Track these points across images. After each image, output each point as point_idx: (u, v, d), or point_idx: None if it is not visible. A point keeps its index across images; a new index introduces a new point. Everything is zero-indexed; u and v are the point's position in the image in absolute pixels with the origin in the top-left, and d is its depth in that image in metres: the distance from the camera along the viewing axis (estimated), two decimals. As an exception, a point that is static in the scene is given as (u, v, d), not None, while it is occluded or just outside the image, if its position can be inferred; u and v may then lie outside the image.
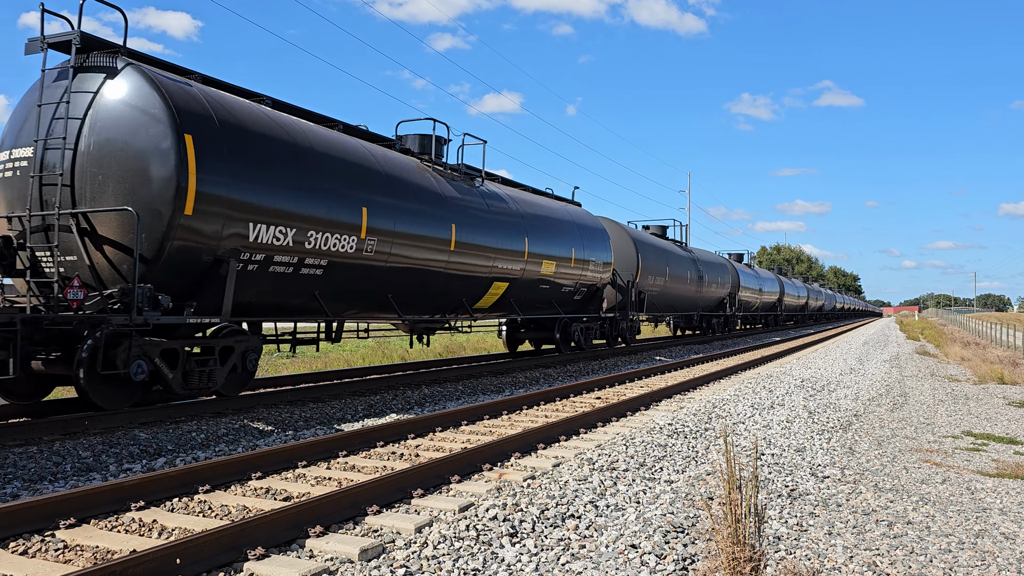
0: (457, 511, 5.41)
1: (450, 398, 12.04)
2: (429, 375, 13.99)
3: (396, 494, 5.68)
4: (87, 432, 8.13)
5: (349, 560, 4.43)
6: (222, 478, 6.15)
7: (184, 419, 9.09)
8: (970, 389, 15.93)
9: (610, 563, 4.55)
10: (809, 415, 10.74)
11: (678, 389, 12.64)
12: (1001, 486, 7.20)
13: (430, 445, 7.94)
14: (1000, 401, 13.87)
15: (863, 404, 12.51)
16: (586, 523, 5.32)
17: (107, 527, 5.02)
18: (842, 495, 6.50)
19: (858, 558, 4.89)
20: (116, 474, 6.79)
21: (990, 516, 6.13)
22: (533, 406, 10.80)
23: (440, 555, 4.57)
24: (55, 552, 4.54)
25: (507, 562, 4.54)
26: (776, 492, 6.43)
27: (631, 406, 10.43)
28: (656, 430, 8.76)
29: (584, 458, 7.18)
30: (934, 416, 11.75)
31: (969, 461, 8.40)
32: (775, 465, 7.45)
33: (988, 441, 9.69)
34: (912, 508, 6.21)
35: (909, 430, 10.29)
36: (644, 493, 6.18)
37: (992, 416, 11.92)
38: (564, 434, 8.38)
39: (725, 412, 10.49)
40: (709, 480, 6.64)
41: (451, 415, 9.11)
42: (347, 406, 10.71)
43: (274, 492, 5.96)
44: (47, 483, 6.43)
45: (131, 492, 5.45)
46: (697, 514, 5.56)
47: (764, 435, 8.98)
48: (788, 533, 5.33)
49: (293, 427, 9.21)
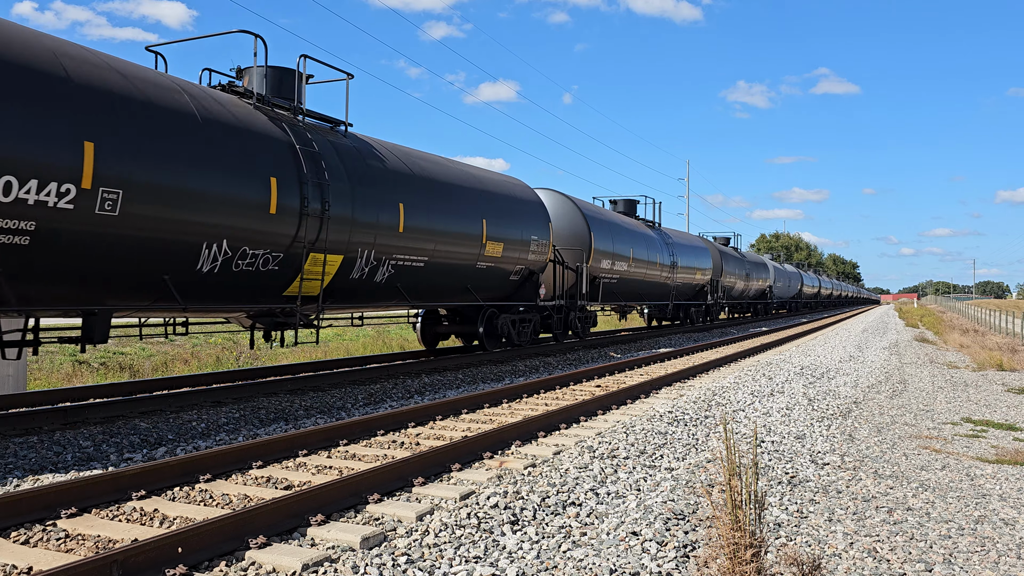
0: (458, 499, 5.42)
1: (450, 387, 12.05)
2: (429, 364, 13.99)
3: (397, 482, 5.68)
4: (88, 422, 8.14)
5: (351, 548, 4.44)
6: (223, 467, 6.15)
7: (184, 408, 9.09)
8: (969, 376, 15.96)
9: (611, 550, 4.56)
10: (809, 402, 10.76)
11: (678, 377, 12.66)
12: (1000, 472, 7.22)
13: (431, 433, 7.95)
14: (999, 388, 13.89)
15: (862, 391, 12.53)
16: (587, 510, 5.33)
17: (108, 516, 5.03)
18: (842, 482, 6.51)
19: (858, 544, 4.91)
20: (117, 463, 6.80)
21: (989, 502, 6.14)
22: (533, 394, 10.81)
23: (441, 543, 4.58)
24: (57, 541, 4.55)
25: (508, 549, 4.55)
26: (776, 479, 6.45)
27: (631, 394, 10.44)
28: (656, 418, 8.77)
29: (584, 446, 7.19)
30: (933, 403, 11.77)
31: (968, 447, 8.42)
32: (775, 452, 7.47)
33: (987, 427, 9.71)
34: (912, 494, 6.23)
35: (908, 417, 10.31)
36: (645, 480, 6.19)
37: (991, 403, 11.95)
38: (564, 422, 8.39)
39: (725, 400, 10.50)
40: (709, 467, 6.65)
41: (451, 403, 9.12)
42: (347, 395, 10.72)
43: (275, 481, 5.97)
44: (48, 473, 6.44)
45: (132, 481, 5.45)
46: (698, 501, 5.58)
47: (764, 422, 8.99)
48: (788, 520, 5.34)
49: (293, 416, 9.22)
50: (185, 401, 9.24)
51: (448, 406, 9.04)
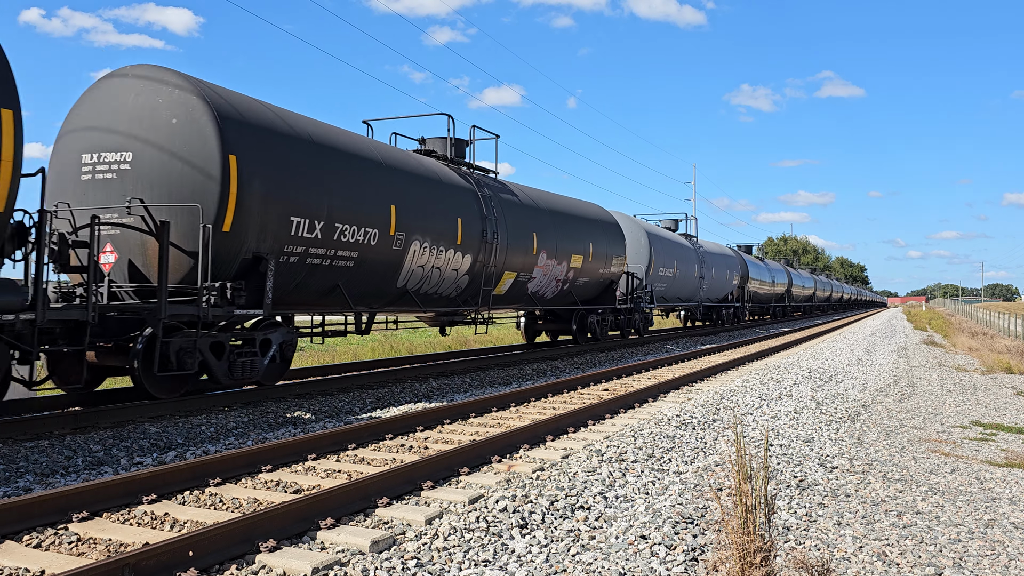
0: (467, 503, 5.43)
1: (458, 391, 12.06)
2: (436, 368, 14.01)
3: (406, 486, 5.70)
4: (97, 426, 8.18)
5: (360, 552, 4.45)
6: (232, 471, 6.18)
7: (193, 412, 9.13)
8: (978, 379, 15.89)
9: (620, 554, 4.56)
10: (817, 406, 10.73)
11: (686, 380, 12.64)
12: (1011, 476, 7.19)
13: (439, 437, 7.96)
14: (1009, 391, 13.83)
15: (871, 394, 12.50)
16: (596, 514, 5.33)
17: (119, 520, 5.05)
18: (851, 485, 6.50)
19: (868, 548, 4.90)
20: (127, 467, 6.83)
21: (999, 506, 6.12)
22: (541, 398, 10.82)
23: (451, 546, 4.59)
24: (68, 545, 4.58)
25: (517, 553, 4.56)
26: (785, 483, 6.43)
27: (639, 397, 10.43)
28: (664, 421, 8.77)
29: (593, 449, 7.19)
30: (942, 406, 11.73)
31: (978, 451, 8.38)
32: (783, 456, 7.45)
33: (997, 431, 9.67)
34: (921, 498, 6.21)
35: (917, 420, 10.28)
36: (653, 484, 6.19)
37: (1001, 406, 11.90)
38: (572, 426, 8.39)
39: (733, 403, 10.49)
40: (718, 471, 6.65)
41: (459, 407, 9.13)
42: (355, 399, 10.74)
43: (284, 485, 5.99)
44: (59, 477, 6.47)
45: (143, 485, 5.48)
46: (706, 505, 5.57)
47: (772, 426, 8.98)
48: (797, 523, 5.33)
49: (302, 420, 9.25)
50: (194, 405, 9.28)
51: (456, 410, 9.05)
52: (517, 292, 15.97)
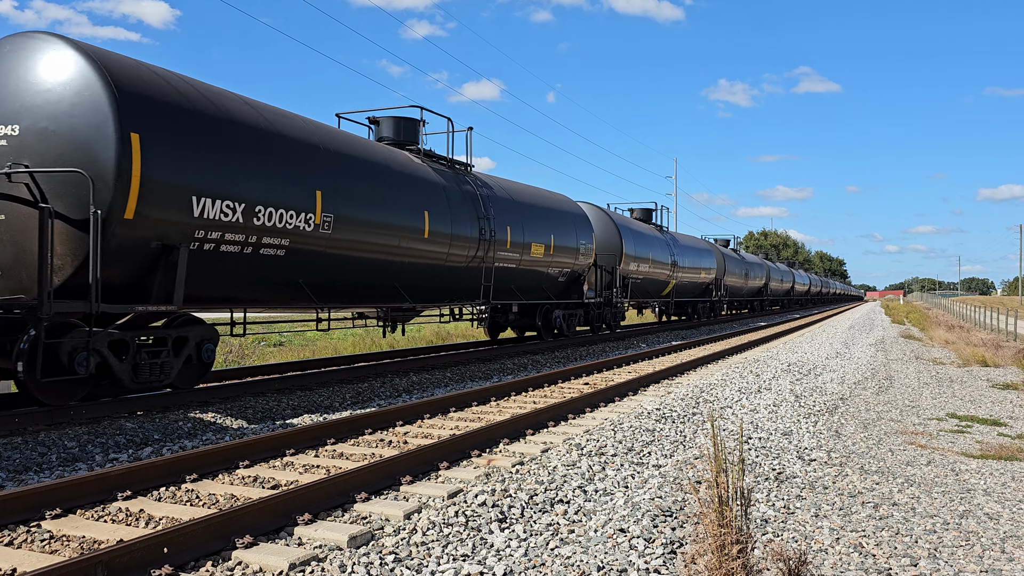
0: (446, 497, 5.42)
1: (438, 385, 12.04)
2: (417, 362, 13.97)
3: (385, 481, 5.67)
4: (73, 422, 8.08)
5: (338, 547, 4.42)
6: (209, 467, 6.12)
7: (171, 408, 9.04)
8: (954, 372, 16.07)
9: (599, 547, 4.57)
10: (796, 399, 10.81)
11: (666, 374, 12.68)
12: (985, 467, 7.28)
13: (418, 432, 7.94)
14: (984, 383, 14.00)
15: (849, 388, 12.60)
16: (575, 508, 5.34)
17: (94, 517, 4.99)
18: (828, 478, 6.55)
19: (844, 539, 4.94)
20: (102, 464, 6.76)
21: (974, 497, 6.19)
22: (521, 392, 10.81)
23: (429, 541, 4.57)
24: (41, 543, 4.51)
25: (496, 547, 4.55)
26: (763, 475, 6.47)
27: (619, 392, 10.46)
28: (644, 415, 8.79)
29: (572, 443, 7.20)
30: (919, 399, 11.85)
31: (954, 443, 8.48)
32: (762, 449, 7.50)
33: (972, 423, 9.78)
34: (897, 490, 6.27)
35: (894, 413, 10.38)
36: (632, 478, 6.20)
37: (976, 398, 12.04)
38: (552, 420, 8.39)
39: (712, 397, 10.54)
40: (697, 464, 6.67)
41: (439, 402, 9.11)
42: (335, 394, 10.68)
43: (262, 480, 5.94)
44: (32, 473, 6.39)
45: (118, 482, 5.42)
46: (685, 498, 5.59)
47: (751, 419, 9.03)
48: (775, 516, 5.36)
49: (281, 415, 9.19)
50: (171, 401, 9.19)
51: (436, 404, 9.03)
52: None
